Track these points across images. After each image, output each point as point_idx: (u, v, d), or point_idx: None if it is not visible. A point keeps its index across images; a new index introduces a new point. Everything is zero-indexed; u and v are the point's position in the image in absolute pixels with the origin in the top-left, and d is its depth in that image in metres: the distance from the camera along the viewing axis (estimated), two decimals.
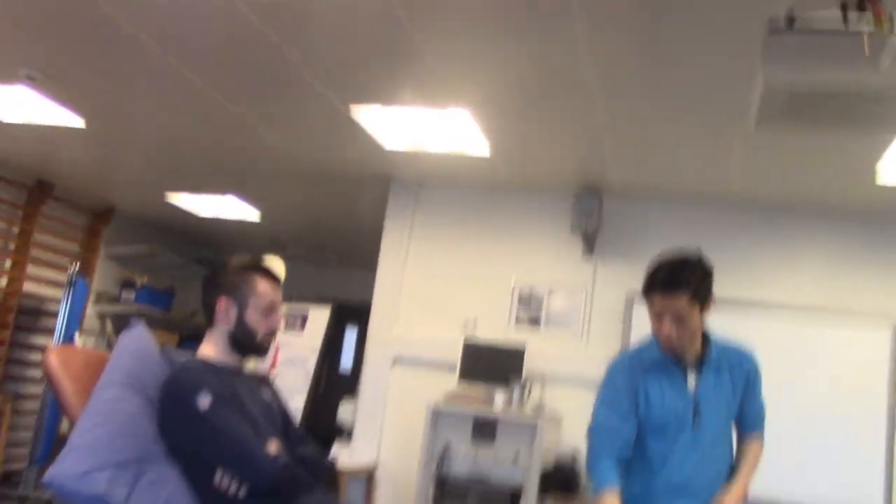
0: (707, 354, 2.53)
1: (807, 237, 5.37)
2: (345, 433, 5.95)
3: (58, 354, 2.29)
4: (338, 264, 9.30)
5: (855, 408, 4.97)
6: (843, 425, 4.96)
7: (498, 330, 5.64)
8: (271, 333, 2.37)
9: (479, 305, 5.74)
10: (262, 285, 2.35)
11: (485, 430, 4.93)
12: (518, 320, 5.66)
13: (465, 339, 5.42)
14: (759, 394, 2.66)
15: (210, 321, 2.39)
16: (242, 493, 2.17)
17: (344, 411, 5.94)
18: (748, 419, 2.64)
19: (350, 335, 9.72)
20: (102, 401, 2.17)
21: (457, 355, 5.38)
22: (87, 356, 2.41)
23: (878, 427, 4.92)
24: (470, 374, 5.32)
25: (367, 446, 5.70)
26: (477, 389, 5.25)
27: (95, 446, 2.06)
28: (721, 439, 2.58)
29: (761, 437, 2.67)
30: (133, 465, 2.08)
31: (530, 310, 5.64)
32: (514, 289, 5.70)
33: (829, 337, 5.09)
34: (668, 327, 2.41)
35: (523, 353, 5.26)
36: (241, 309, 2.33)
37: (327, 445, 5.63)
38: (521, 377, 5.16)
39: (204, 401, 2.17)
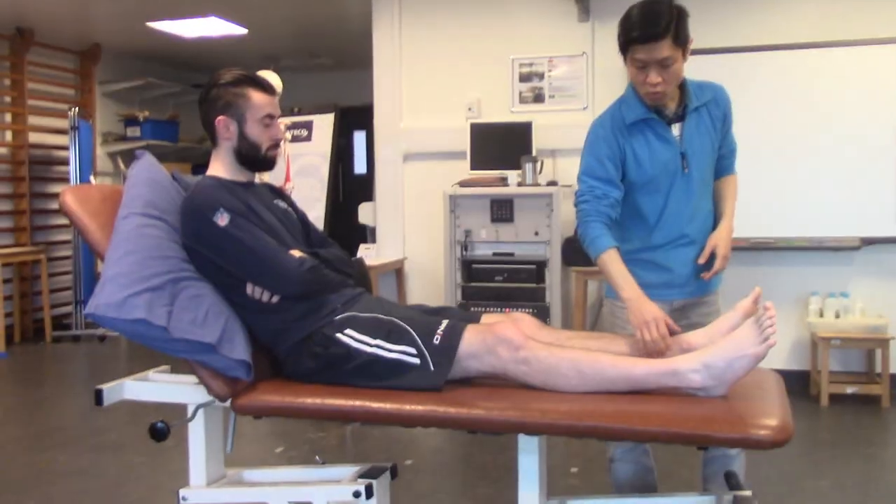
0: (687, 101, 2.50)
1: None
2: (368, 234, 6.11)
3: (72, 193, 2.33)
4: (336, 68, 9.14)
5: (863, 136, 4.97)
6: (853, 157, 5.00)
7: (503, 110, 5.62)
8: (275, 144, 2.39)
9: (481, 88, 5.70)
10: (257, 97, 2.35)
11: (502, 209, 5.04)
12: (522, 98, 5.62)
13: (470, 124, 5.42)
14: (731, 130, 2.66)
15: (214, 141, 2.41)
16: (276, 299, 2.28)
17: (364, 213, 6.06)
18: (724, 159, 2.66)
19: (359, 138, 9.72)
20: (127, 230, 2.22)
21: (466, 142, 5.41)
22: (102, 191, 2.45)
23: (889, 153, 4.94)
24: (481, 159, 5.37)
25: (391, 243, 5.86)
26: (490, 173, 5.31)
27: (129, 273, 2.13)
28: (708, 185, 2.60)
29: (735, 174, 2.71)
30: (169, 286, 2.17)
31: (533, 85, 5.58)
32: (513, 64, 5.61)
33: (829, 69, 5.02)
34: (654, 76, 2.36)
35: (530, 128, 5.27)
36: (241, 123, 2.34)
37: (353, 248, 5.80)
38: (530, 153, 5.19)
39: (222, 218, 2.22)
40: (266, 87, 2.39)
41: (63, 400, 5.33)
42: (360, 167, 9.78)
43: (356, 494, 2.26)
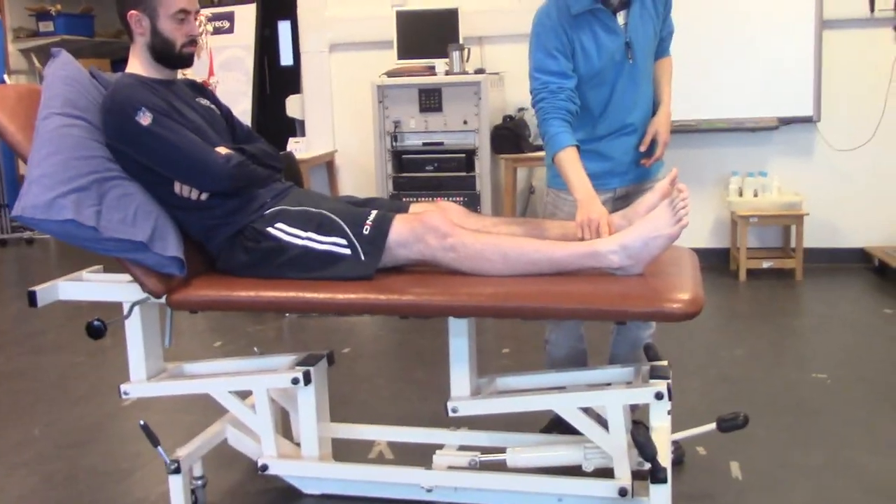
0: None
1: None
2: (297, 127, 6.05)
3: None
4: None
5: (780, 17, 5.06)
6: (768, 38, 5.10)
7: None
8: (191, 41, 2.36)
9: None
10: None
11: (431, 98, 5.04)
12: None
13: (396, 11, 5.34)
14: (671, 11, 2.67)
15: (130, 36, 2.36)
16: (204, 196, 2.30)
17: (292, 106, 5.99)
18: (662, 42, 2.68)
19: (284, 28, 9.46)
20: (48, 130, 2.19)
21: (392, 30, 5.34)
22: (18, 91, 2.39)
23: (806, 36, 5.04)
24: (408, 48, 5.32)
25: (321, 136, 5.83)
26: (417, 62, 5.28)
27: (54, 174, 2.12)
28: (650, 72, 2.63)
29: (670, 56, 2.75)
30: (95, 186, 2.16)
31: None
32: None
33: None
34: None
35: (457, 14, 5.22)
36: (153, 19, 2.29)
37: (283, 142, 5.76)
38: (457, 41, 5.17)
39: (145, 118, 2.20)
40: None
41: None
42: (286, 59, 9.54)
43: (294, 381, 2.36)
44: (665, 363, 2.37)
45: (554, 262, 2.17)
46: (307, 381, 2.37)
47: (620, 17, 2.50)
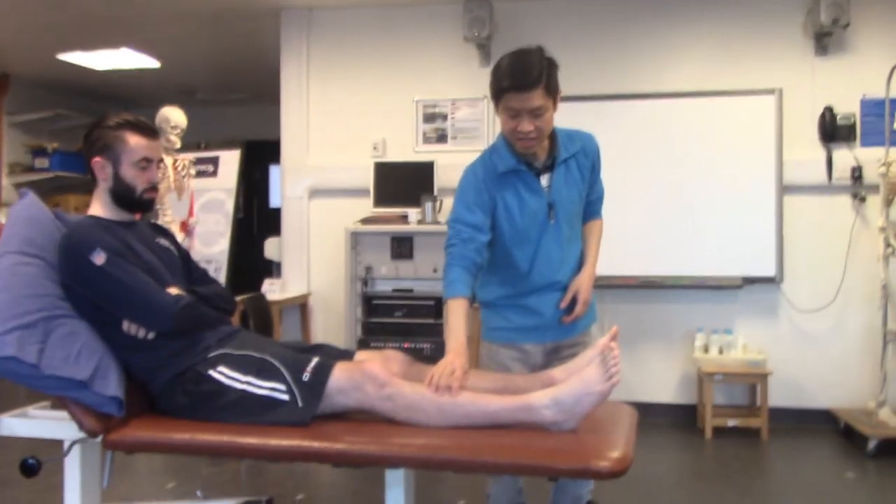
0: (556, 152, 2.60)
1: (692, 25, 5.48)
2: (274, 269, 6.15)
3: None
4: (252, 102, 9.18)
5: (743, 181, 5.27)
6: (732, 200, 5.29)
7: (407, 150, 5.78)
8: (151, 187, 2.46)
9: (386, 128, 5.85)
10: (135, 140, 2.41)
11: (403, 246, 5.17)
12: (426, 138, 5.77)
13: (375, 163, 5.55)
14: (600, 177, 2.78)
15: (94, 180, 2.47)
16: (151, 335, 2.34)
17: (270, 248, 6.12)
18: (591, 205, 2.78)
19: (275, 172, 9.76)
20: (1, 269, 2.27)
21: (370, 180, 5.53)
22: None
23: (768, 198, 5.24)
24: (384, 197, 5.50)
25: (296, 278, 5.92)
26: (392, 210, 5.44)
27: (0, 312, 2.18)
28: (576, 232, 2.72)
29: (601, 219, 2.84)
30: (41, 324, 2.21)
31: (436, 126, 5.75)
32: (417, 105, 5.77)
33: (714, 115, 5.31)
34: (527, 125, 2.44)
35: (432, 168, 5.41)
36: (116, 165, 2.41)
37: (259, 282, 5.85)
38: (432, 192, 5.34)
39: (99, 257, 2.28)
40: (146, 131, 2.46)
41: None
42: (276, 201, 9.81)
43: None
44: None
45: (488, 416, 2.20)
46: None
47: (544, 180, 2.61)
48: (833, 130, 5.23)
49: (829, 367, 5.29)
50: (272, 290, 5.71)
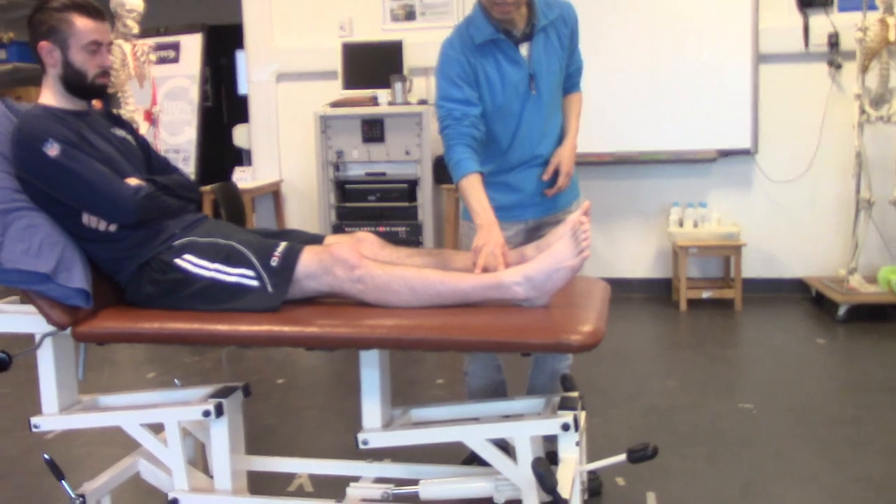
0: (535, 20, 2.52)
1: None
2: (244, 157, 6.05)
3: None
4: None
5: (718, 51, 5.17)
6: (706, 71, 5.20)
7: (374, 29, 5.61)
8: (103, 73, 2.36)
9: (353, 6, 5.66)
10: (82, 22, 2.29)
11: (374, 129, 5.07)
12: (394, 16, 5.60)
13: (342, 43, 5.39)
14: (578, 48, 2.71)
15: (42, 68, 2.36)
16: (113, 228, 2.29)
17: (239, 136, 6.00)
18: (571, 77, 2.71)
19: (241, 58, 9.49)
20: None
21: (338, 61, 5.38)
22: None
23: (744, 70, 5.15)
24: (353, 79, 5.36)
25: (267, 165, 5.84)
26: (362, 93, 5.32)
27: None
28: (557, 104, 2.66)
29: (580, 91, 2.79)
30: None
31: (404, 2, 5.56)
32: None
33: None
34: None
35: (401, 47, 5.27)
36: (64, 50, 2.30)
37: (230, 171, 5.76)
38: (401, 73, 5.21)
39: (52, 149, 2.19)
40: (93, 12, 2.33)
41: None
42: (244, 88, 9.57)
43: (206, 413, 2.33)
44: (576, 394, 2.38)
45: (459, 294, 2.18)
46: (219, 413, 2.35)
47: (524, 49, 2.53)
48: None
49: (802, 236, 5.34)
50: (243, 178, 5.63)
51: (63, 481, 2.26)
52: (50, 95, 2.37)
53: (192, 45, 6.00)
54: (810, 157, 5.24)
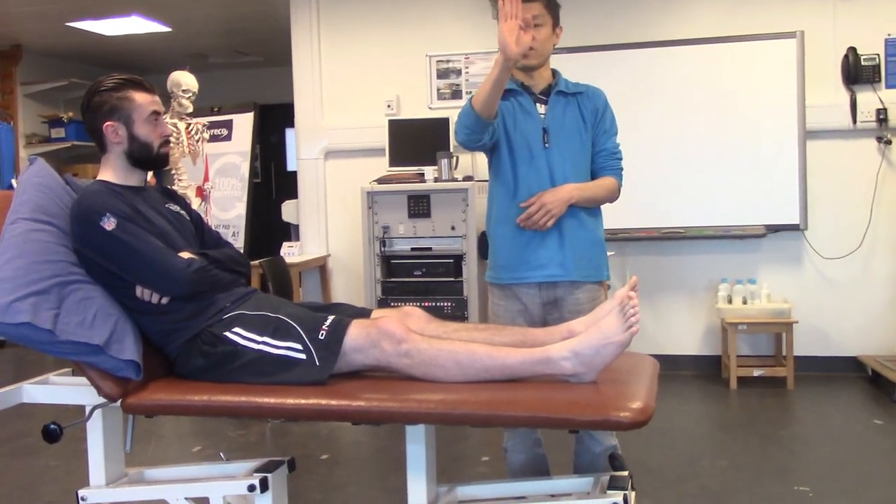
0: (555, 84, 2.67)
1: None
2: (292, 232, 6.14)
3: None
4: (264, 65, 9.12)
5: (765, 127, 5.17)
6: (754, 147, 5.19)
7: (421, 107, 5.72)
8: (166, 141, 2.45)
9: (400, 85, 5.79)
10: (140, 97, 2.38)
11: (420, 204, 5.11)
12: (440, 95, 5.71)
13: (389, 121, 5.49)
14: (613, 134, 2.75)
15: (102, 147, 2.44)
16: (165, 300, 2.33)
17: (287, 211, 6.09)
18: (602, 159, 2.72)
19: (291, 136, 9.72)
20: (14, 235, 2.25)
21: (385, 139, 5.48)
22: None
23: (791, 145, 5.13)
24: (400, 156, 5.44)
25: (314, 240, 5.91)
26: (408, 169, 5.39)
27: (14, 278, 2.16)
28: (575, 172, 2.67)
29: (618, 179, 2.76)
30: (55, 290, 2.20)
31: (450, 81, 5.68)
32: (430, 61, 5.70)
33: (734, 61, 5.20)
34: (527, 33, 2.45)
35: (447, 124, 5.34)
36: (129, 126, 2.38)
37: (278, 246, 5.84)
38: (448, 149, 5.28)
39: (109, 223, 2.26)
40: (146, 86, 2.43)
41: None
42: (292, 164, 9.77)
43: (251, 488, 2.32)
44: (626, 474, 2.33)
45: (506, 369, 2.17)
46: (264, 488, 2.33)
47: (541, 108, 2.68)
48: (856, 72, 5.11)
49: (856, 314, 5.23)
50: (291, 252, 5.71)
51: None
52: (109, 172, 2.44)
53: (243, 123, 6.17)
54: (861, 233, 5.16)
